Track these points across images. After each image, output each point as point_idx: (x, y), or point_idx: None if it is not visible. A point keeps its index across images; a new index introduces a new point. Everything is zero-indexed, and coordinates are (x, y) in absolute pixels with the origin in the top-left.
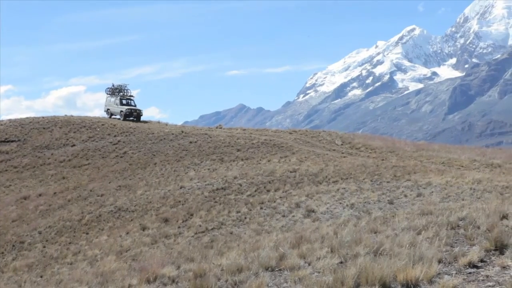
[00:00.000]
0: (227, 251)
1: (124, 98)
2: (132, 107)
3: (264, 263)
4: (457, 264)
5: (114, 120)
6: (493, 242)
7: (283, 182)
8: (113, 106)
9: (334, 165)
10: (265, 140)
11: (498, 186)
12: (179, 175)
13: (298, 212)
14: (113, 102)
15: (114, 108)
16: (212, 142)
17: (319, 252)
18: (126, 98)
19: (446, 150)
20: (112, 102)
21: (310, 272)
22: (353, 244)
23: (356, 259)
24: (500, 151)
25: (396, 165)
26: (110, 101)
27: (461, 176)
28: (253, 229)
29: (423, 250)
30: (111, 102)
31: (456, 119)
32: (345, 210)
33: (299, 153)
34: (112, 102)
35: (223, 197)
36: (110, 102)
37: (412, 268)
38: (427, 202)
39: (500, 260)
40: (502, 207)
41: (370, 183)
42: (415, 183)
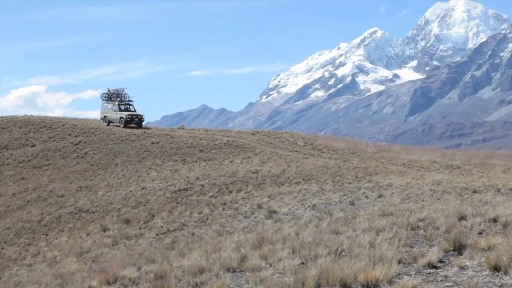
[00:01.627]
0: (188, 252)
1: (122, 103)
2: (132, 112)
3: (225, 264)
4: (417, 264)
5: (74, 120)
6: (452, 242)
7: (246, 183)
8: (111, 112)
9: (296, 166)
10: (227, 141)
11: (457, 187)
12: (140, 176)
13: (260, 213)
14: (110, 108)
15: (112, 115)
16: (174, 143)
17: (280, 253)
18: (125, 104)
19: (407, 152)
20: (110, 108)
21: (271, 273)
22: (315, 245)
23: (317, 260)
24: (460, 152)
25: (357, 166)
26: (107, 107)
27: (421, 177)
28: (215, 230)
29: (383, 251)
30: (109, 108)
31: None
32: (307, 211)
33: (262, 154)
34: (110, 109)
35: (185, 198)
36: (107, 108)
37: (372, 269)
38: (387, 203)
39: (458, 260)
40: (460, 208)
41: (331, 184)
42: (376, 184)
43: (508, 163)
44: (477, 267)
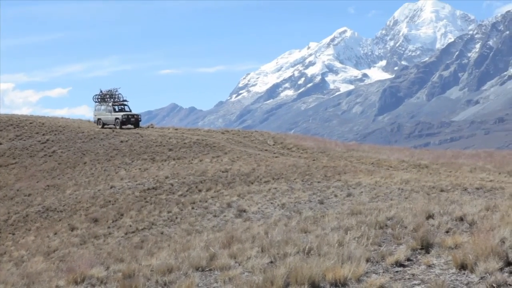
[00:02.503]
0: (157, 251)
1: (117, 104)
2: (128, 112)
3: (194, 263)
4: (385, 263)
5: (42, 118)
6: (419, 241)
7: (215, 182)
8: (105, 114)
9: (265, 165)
10: (197, 139)
11: (425, 186)
12: (109, 175)
13: (229, 212)
14: (104, 110)
15: (106, 117)
16: (143, 142)
17: (249, 252)
18: (119, 104)
19: (376, 151)
20: (103, 110)
21: (240, 272)
22: (284, 243)
23: (286, 259)
24: (428, 152)
25: (326, 166)
26: (101, 109)
27: (390, 177)
28: (184, 229)
29: (352, 250)
30: (102, 110)
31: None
32: (276, 210)
33: (231, 153)
34: (104, 110)
35: (154, 197)
36: (101, 110)
37: (340, 267)
38: (356, 202)
39: (425, 259)
40: (428, 207)
41: (301, 183)
42: (345, 183)
43: (474, 163)
44: (444, 265)
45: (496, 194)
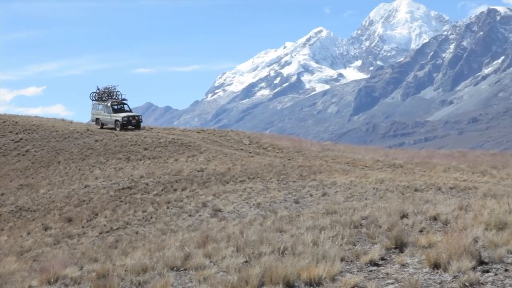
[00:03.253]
0: (132, 251)
1: (116, 103)
2: (129, 113)
3: (169, 262)
4: (359, 262)
5: (16, 117)
6: (394, 240)
7: (190, 181)
8: (104, 115)
9: (241, 165)
10: (172, 139)
11: (400, 186)
12: (84, 174)
13: (204, 212)
14: (102, 109)
15: (105, 117)
16: (118, 141)
17: (224, 252)
18: (119, 103)
19: (351, 151)
20: (102, 109)
21: (215, 272)
22: (259, 243)
23: (261, 258)
24: (402, 151)
25: (302, 165)
26: (99, 108)
27: (365, 176)
28: (159, 228)
29: (327, 249)
30: (100, 110)
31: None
32: (252, 210)
33: (207, 153)
34: (102, 110)
35: (129, 197)
36: (99, 110)
37: (315, 267)
38: (331, 202)
39: (399, 258)
40: (402, 207)
41: (276, 183)
42: (321, 182)
43: (448, 162)
44: (417, 264)
45: (470, 194)
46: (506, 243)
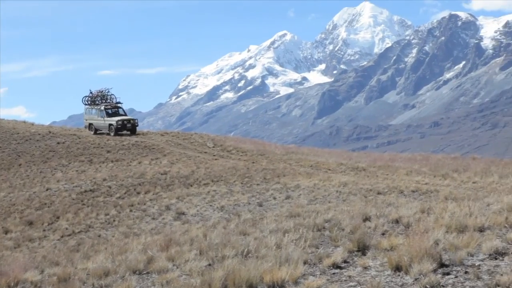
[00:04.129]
0: (94, 255)
1: (109, 107)
2: (123, 117)
3: (132, 266)
4: (322, 265)
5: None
6: (356, 243)
7: (154, 184)
8: (97, 119)
9: (205, 168)
10: (136, 141)
11: (363, 189)
12: (45, 177)
13: (168, 215)
14: (95, 114)
15: (99, 122)
16: (81, 143)
17: (187, 255)
18: (113, 107)
19: (315, 154)
20: (95, 114)
21: (178, 275)
22: (222, 246)
23: (224, 261)
24: (365, 155)
25: (266, 168)
26: (92, 113)
27: (328, 179)
28: (122, 232)
29: (290, 252)
30: (93, 114)
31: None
32: (215, 213)
33: (171, 155)
34: (95, 114)
35: (92, 200)
36: (92, 114)
37: (278, 270)
38: (295, 205)
39: (362, 260)
40: (365, 210)
41: (240, 186)
42: (284, 185)
43: (410, 166)
44: (379, 267)
45: (431, 197)
46: (467, 246)
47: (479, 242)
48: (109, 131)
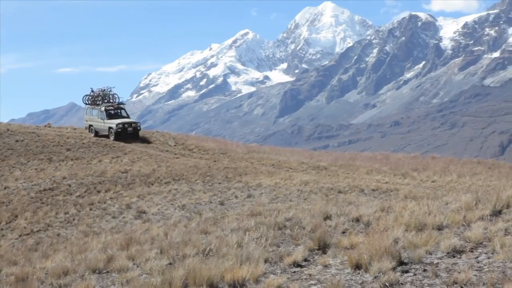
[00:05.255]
0: (53, 254)
1: (110, 108)
2: (124, 119)
3: (91, 265)
4: (283, 263)
5: None
6: (317, 241)
7: (114, 182)
8: (97, 121)
9: (166, 166)
10: (96, 140)
11: (324, 187)
12: (3, 175)
13: (129, 213)
14: (96, 115)
15: (99, 124)
16: (40, 141)
17: (148, 254)
18: (115, 108)
19: (276, 153)
20: (95, 115)
21: (138, 274)
22: (183, 245)
23: (185, 260)
24: (327, 154)
25: (227, 167)
26: (92, 113)
27: (290, 178)
28: (82, 230)
29: (251, 250)
30: (94, 115)
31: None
32: (176, 211)
33: (132, 154)
34: (95, 116)
35: (51, 198)
36: (92, 115)
37: (239, 268)
38: (256, 203)
39: (322, 259)
40: (326, 208)
41: (202, 184)
42: (246, 184)
43: (371, 165)
44: (340, 265)
45: (391, 196)
46: (425, 244)
47: (438, 240)
48: (109, 134)
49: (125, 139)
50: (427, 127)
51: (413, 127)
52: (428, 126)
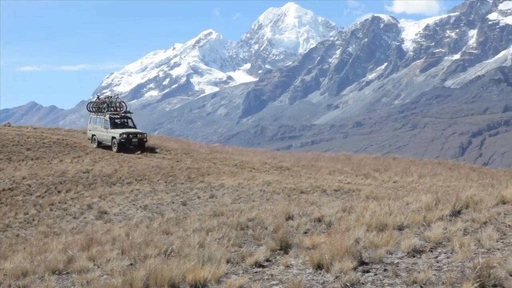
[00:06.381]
0: (12, 255)
1: (116, 116)
2: (129, 129)
3: (51, 266)
4: (245, 263)
5: None
6: (279, 242)
7: (75, 183)
8: (100, 130)
9: (128, 166)
10: (57, 139)
11: (286, 188)
12: None
13: (90, 214)
14: (99, 123)
15: (101, 134)
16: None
17: (109, 254)
18: (120, 117)
19: (239, 153)
20: (99, 123)
21: (99, 275)
22: (145, 245)
23: (147, 261)
24: (289, 154)
25: (190, 167)
26: (96, 122)
27: (252, 178)
28: (42, 231)
29: (213, 251)
30: (97, 123)
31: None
32: (138, 212)
33: (93, 154)
34: (99, 124)
35: (10, 198)
36: (96, 124)
37: (201, 269)
38: (219, 204)
39: (284, 259)
40: (288, 208)
41: (164, 185)
42: (209, 184)
43: (333, 165)
44: (301, 265)
45: (353, 196)
46: (386, 244)
47: (398, 240)
48: (112, 145)
49: (129, 151)
50: (389, 128)
51: (375, 128)
52: (390, 127)
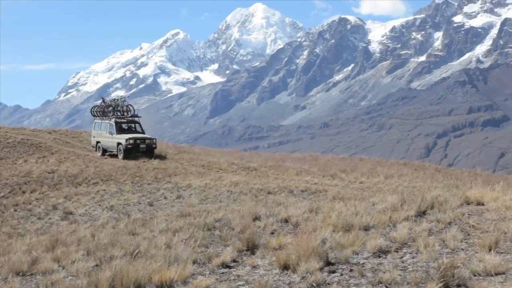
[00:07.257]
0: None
1: (122, 120)
2: (137, 135)
3: (15, 267)
4: (211, 264)
5: None
6: (246, 242)
7: (40, 183)
8: (105, 136)
9: (94, 167)
10: (22, 139)
11: (253, 188)
12: None
13: (55, 214)
14: (104, 129)
15: (106, 140)
16: None
17: (74, 255)
18: (127, 121)
19: (207, 153)
20: (104, 129)
21: (63, 276)
22: (110, 246)
23: (112, 262)
24: (257, 155)
25: (157, 167)
26: (100, 127)
27: (220, 179)
28: (6, 232)
29: (179, 252)
30: (102, 129)
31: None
32: (105, 212)
33: (59, 154)
34: (104, 129)
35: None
36: (101, 129)
37: (167, 270)
38: (186, 204)
39: (251, 260)
40: (255, 209)
41: (131, 185)
42: (176, 185)
43: (300, 166)
44: (268, 266)
45: (320, 196)
46: (352, 244)
47: (364, 241)
48: (118, 152)
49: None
50: (356, 129)
51: (342, 129)
52: (357, 128)
